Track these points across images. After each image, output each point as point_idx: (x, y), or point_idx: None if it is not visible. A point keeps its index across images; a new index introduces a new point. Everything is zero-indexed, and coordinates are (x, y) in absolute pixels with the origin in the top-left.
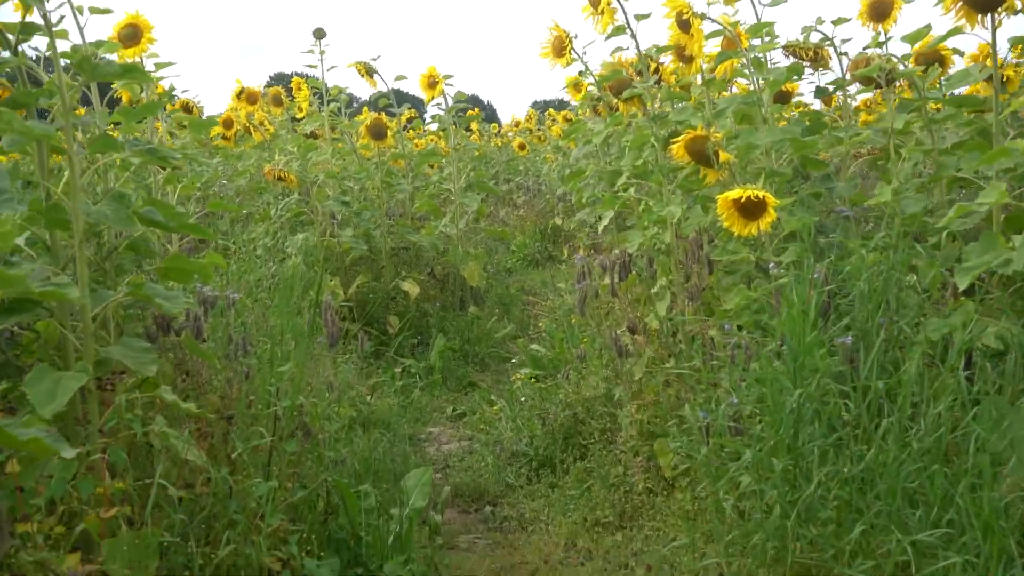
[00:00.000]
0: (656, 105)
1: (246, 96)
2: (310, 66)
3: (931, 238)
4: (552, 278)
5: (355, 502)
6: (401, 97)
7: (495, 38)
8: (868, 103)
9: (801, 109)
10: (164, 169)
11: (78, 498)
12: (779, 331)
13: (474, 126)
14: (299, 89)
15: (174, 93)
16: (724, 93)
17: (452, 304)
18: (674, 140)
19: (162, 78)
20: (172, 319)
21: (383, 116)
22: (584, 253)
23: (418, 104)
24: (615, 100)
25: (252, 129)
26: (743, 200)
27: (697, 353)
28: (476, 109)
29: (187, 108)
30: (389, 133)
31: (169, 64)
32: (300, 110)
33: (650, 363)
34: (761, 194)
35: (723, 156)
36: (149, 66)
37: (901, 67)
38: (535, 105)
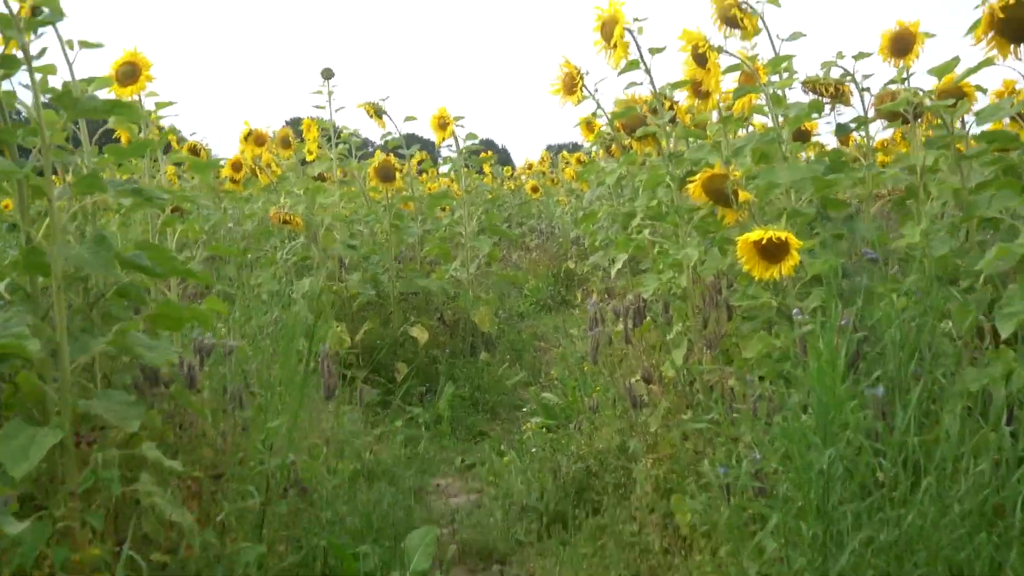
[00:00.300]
0: (671, 144)
1: (254, 138)
2: (318, 107)
3: (962, 281)
4: (564, 323)
5: (352, 565)
6: (412, 140)
7: (510, 81)
8: (885, 143)
9: (818, 149)
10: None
11: (51, 565)
12: (805, 382)
13: (487, 168)
14: (308, 130)
15: (181, 135)
16: (740, 133)
17: (462, 350)
18: (691, 179)
19: (162, 117)
20: (159, 370)
21: (392, 158)
22: (597, 298)
23: (429, 147)
24: (628, 139)
25: (258, 172)
26: (764, 242)
27: (716, 405)
28: (490, 152)
29: (194, 151)
30: (398, 175)
31: (169, 103)
32: (310, 153)
33: (666, 414)
34: (784, 235)
35: (742, 195)
36: (149, 105)
37: (928, 101)
38: (549, 148)
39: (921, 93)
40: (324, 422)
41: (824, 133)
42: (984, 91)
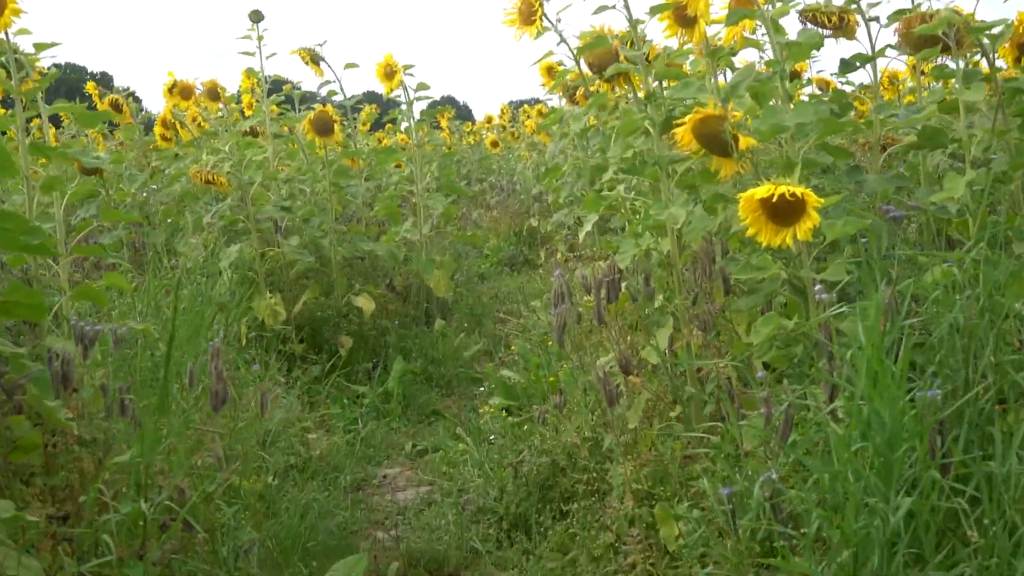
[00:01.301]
0: (650, 82)
1: (179, 90)
2: (246, 53)
3: (1016, 246)
4: (527, 284)
5: None
6: (371, 98)
7: (471, 37)
8: (892, 77)
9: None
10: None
11: None
12: (842, 384)
13: (444, 123)
14: (247, 79)
15: (116, 89)
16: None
17: (415, 319)
18: (678, 122)
19: (39, 59)
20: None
21: (329, 109)
22: (562, 263)
23: (378, 101)
24: (596, 82)
25: (179, 127)
26: (775, 199)
27: (710, 401)
28: (449, 107)
29: (116, 106)
30: (337, 128)
31: (52, 44)
32: (248, 108)
33: (648, 407)
34: (799, 191)
35: (744, 141)
36: (25, 46)
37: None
38: (511, 104)
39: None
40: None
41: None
42: None
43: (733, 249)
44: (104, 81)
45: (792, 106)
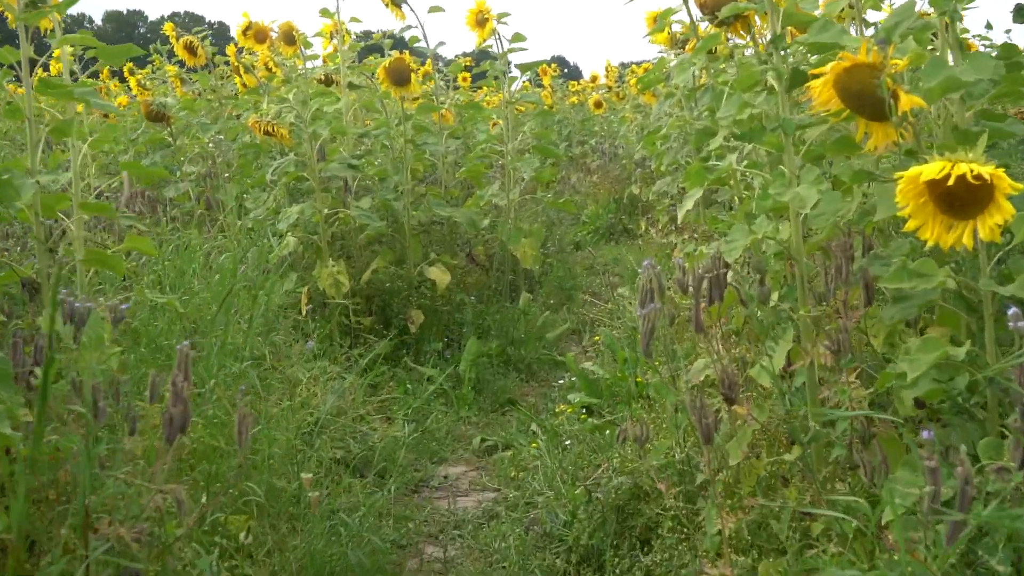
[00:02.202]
0: (776, 26)
1: (254, 33)
2: None
3: None
4: (625, 255)
5: None
6: (484, 56)
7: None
8: None
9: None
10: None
11: None
12: None
13: (546, 80)
14: (328, 23)
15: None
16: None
17: (498, 292)
18: (816, 72)
19: None
20: None
21: (407, 56)
22: (661, 236)
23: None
24: (708, 26)
25: (242, 72)
26: (951, 182)
27: (839, 444)
28: (554, 65)
29: (191, 48)
30: (414, 78)
31: None
32: (330, 58)
33: (755, 439)
34: (988, 172)
35: (906, 100)
36: None
37: None
38: (620, 66)
39: None
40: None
41: None
42: None
43: (880, 246)
44: (221, 31)
45: (966, 58)
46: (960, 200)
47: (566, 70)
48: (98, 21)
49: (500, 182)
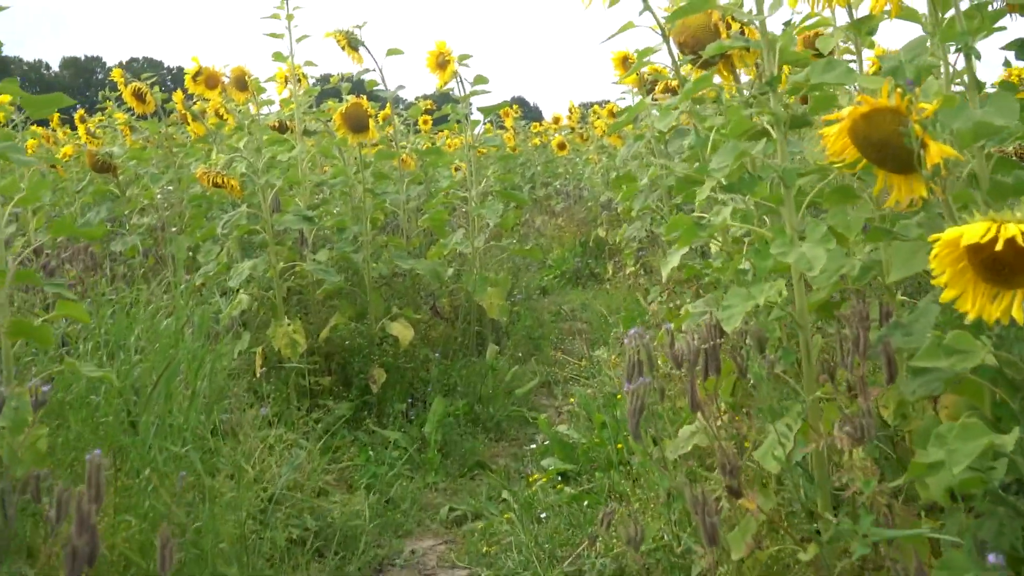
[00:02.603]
0: (771, 65)
1: (204, 78)
2: (273, 35)
3: None
4: (593, 300)
5: None
6: (444, 100)
7: (542, 37)
8: None
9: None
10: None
11: None
12: None
13: (508, 122)
14: (279, 71)
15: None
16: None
17: (464, 346)
18: (831, 118)
19: None
20: None
21: (364, 101)
22: (631, 280)
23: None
24: (686, 67)
25: (189, 118)
26: (998, 246)
27: (861, 543)
28: (516, 107)
29: (139, 94)
30: (372, 123)
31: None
32: (286, 103)
33: (762, 530)
34: None
35: (936, 151)
36: None
37: None
38: (581, 106)
39: None
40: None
41: None
42: None
43: (898, 312)
44: (179, 77)
45: (993, 100)
46: (1007, 266)
47: (526, 111)
48: (55, 67)
49: (464, 229)
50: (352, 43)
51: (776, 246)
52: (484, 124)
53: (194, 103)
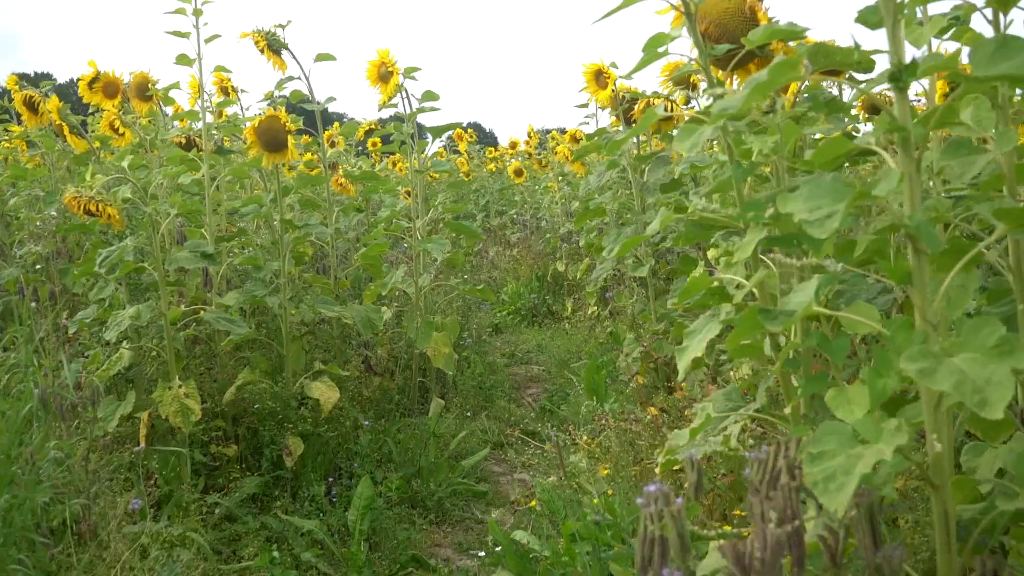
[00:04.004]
0: (903, 55)
1: (102, 86)
2: (178, 33)
3: None
4: (550, 341)
5: None
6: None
7: (500, 63)
8: None
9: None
10: None
11: None
12: None
13: (463, 146)
14: (192, 80)
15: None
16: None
17: (401, 405)
18: None
19: None
20: None
21: (282, 115)
22: (594, 320)
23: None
24: (714, 70)
25: (66, 131)
26: None
27: None
28: (470, 130)
29: (30, 104)
30: (291, 141)
31: None
32: (224, 115)
33: None
34: None
35: None
36: None
37: None
38: (540, 132)
39: None
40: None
41: None
42: None
43: None
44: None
45: None
46: None
47: (482, 136)
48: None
49: (407, 266)
50: (273, 46)
51: (912, 355)
52: (438, 147)
53: (89, 115)
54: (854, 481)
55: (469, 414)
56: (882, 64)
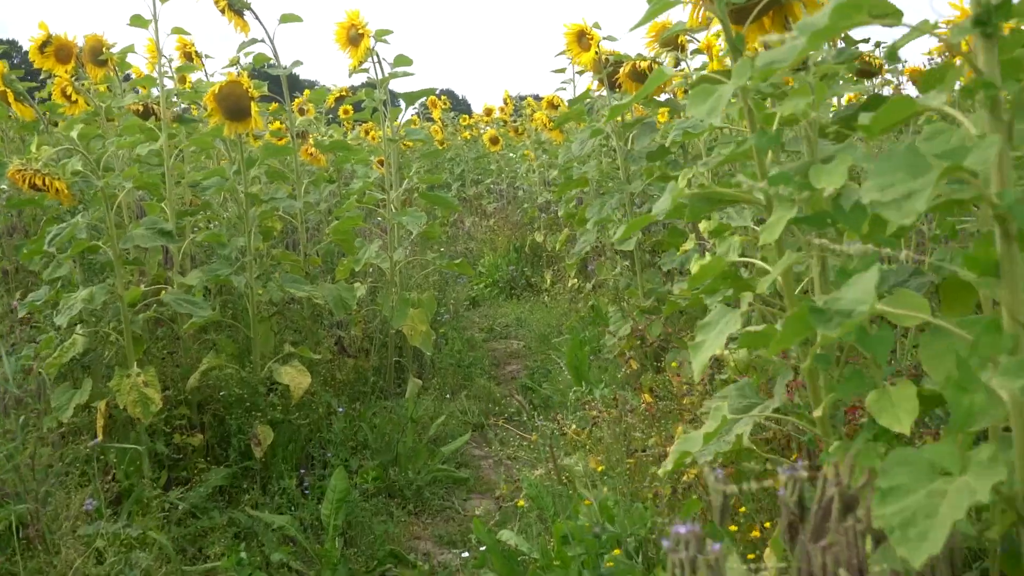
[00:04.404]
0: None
1: (54, 49)
2: None
3: None
4: (529, 314)
5: None
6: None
7: (469, 29)
8: None
9: None
10: None
11: None
12: None
13: (436, 114)
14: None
15: None
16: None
17: (377, 386)
18: None
19: None
20: None
21: (244, 80)
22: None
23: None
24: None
25: (11, 100)
26: None
27: None
28: (444, 98)
29: None
30: (255, 108)
31: None
32: (184, 82)
33: None
34: None
35: None
36: None
37: None
38: (515, 99)
39: None
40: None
41: None
42: None
43: None
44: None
45: None
46: None
47: (455, 104)
48: None
49: (382, 240)
50: (235, 5)
51: (1010, 373)
52: (411, 114)
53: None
54: (942, 530)
55: (448, 394)
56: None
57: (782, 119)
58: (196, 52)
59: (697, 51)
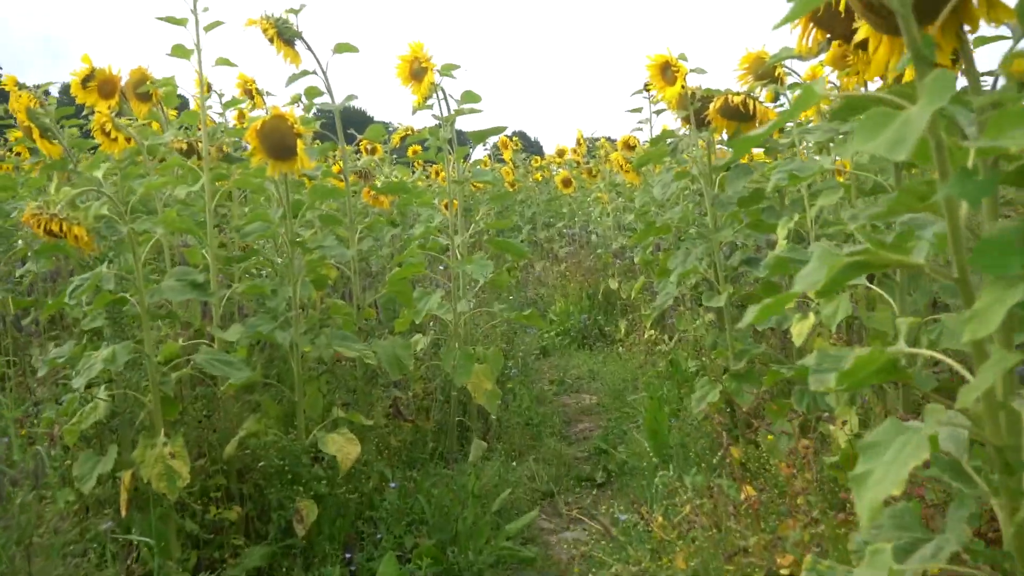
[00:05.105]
0: None
1: (98, 84)
2: (171, 20)
3: None
4: (603, 366)
5: None
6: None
7: (539, 70)
8: None
9: None
10: None
11: None
12: None
13: (507, 155)
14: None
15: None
16: None
17: (437, 450)
18: None
19: None
20: None
21: (291, 117)
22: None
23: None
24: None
25: (36, 134)
26: None
27: None
28: (515, 139)
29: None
30: (300, 146)
31: None
32: (251, 121)
33: None
34: None
35: None
36: None
37: None
38: (588, 140)
39: None
40: None
41: None
42: None
43: None
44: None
45: None
46: None
47: (527, 145)
48: (55, 93)
49: (445, 289)
50: (285, 35)
51: None
52: (480, 155)
53: (90, 116)
54: None
55: (515, 457)
56: None
57: (983, 154)
58: (258, 90)
59: (795, 85)
